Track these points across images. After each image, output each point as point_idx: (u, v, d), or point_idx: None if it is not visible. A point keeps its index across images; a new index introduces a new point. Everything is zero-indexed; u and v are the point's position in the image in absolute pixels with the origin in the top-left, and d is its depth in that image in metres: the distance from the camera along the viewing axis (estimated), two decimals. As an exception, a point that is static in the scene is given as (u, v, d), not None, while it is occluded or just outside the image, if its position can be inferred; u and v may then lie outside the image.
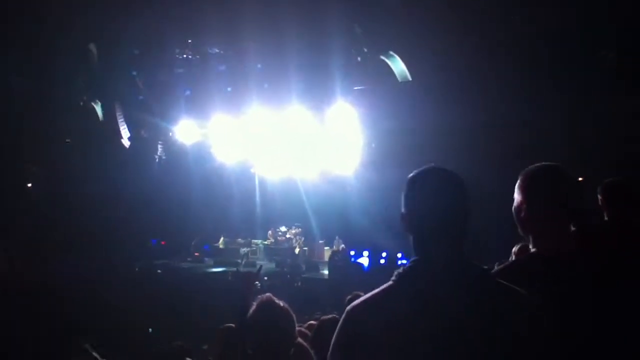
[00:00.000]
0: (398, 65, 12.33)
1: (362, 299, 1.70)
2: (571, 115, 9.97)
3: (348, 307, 1.69)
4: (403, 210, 1.74)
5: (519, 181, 2.14)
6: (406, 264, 1.70)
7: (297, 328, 2.83)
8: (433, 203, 1.67)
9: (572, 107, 9.91)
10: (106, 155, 17.58)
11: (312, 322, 5.41)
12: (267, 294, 2.76)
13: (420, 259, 1.68)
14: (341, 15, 11.43)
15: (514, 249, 3.81)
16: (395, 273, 1.68)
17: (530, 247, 2.12)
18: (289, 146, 16.39)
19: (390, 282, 1.67)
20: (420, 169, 1.75)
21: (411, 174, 1.75)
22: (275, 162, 17.40)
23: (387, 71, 12.73)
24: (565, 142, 9.93)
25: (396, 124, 12.76)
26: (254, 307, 2.67)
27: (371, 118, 13.56)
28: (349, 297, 5.10)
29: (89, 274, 12.53)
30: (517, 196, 2.14)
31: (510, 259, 3.03)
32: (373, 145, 14.42)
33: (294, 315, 2.65)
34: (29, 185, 19.04)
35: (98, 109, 17.53)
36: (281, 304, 2.69)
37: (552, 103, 10.11)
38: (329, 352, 1.68)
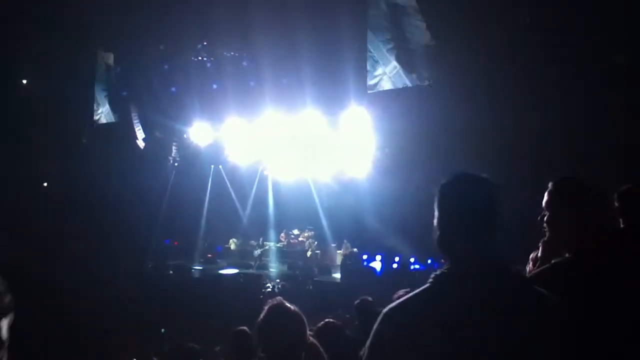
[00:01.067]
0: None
1: (399, 301, 1.71)
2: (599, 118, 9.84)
3: (385, 310, 1.70)
4: (435, 219, 1.73)
5: (551, 193, 2.23)
6: (440, 268, 1.71)
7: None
8: (464, 210, 1.67)
9: (599, 110, 9.78)
10: (121, 156, 17.70)
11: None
12: (278, 298, 2.74)
13: (456, 264, 1.68)
14: (355, 19, 11.40)
15: (532, 256, 3.75)
16: (432, 276, 1.68)
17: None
18: (302, 149, 16.40)
19: (426, 286, 1.68)
20: (450, 176, 1.74)
21: (442, 182, 1.75)
22: (288, 164, 17.42)
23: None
24: (588, 145, 9.83)
25: (410, 127, 12.70)
26: (264, 310, 2.65)
27: (385, 122, 13.51)
28: (357, 301, 5.08)
29: (101, 273, 12.60)
30: (550, 206, 2.22)
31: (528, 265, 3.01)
32: (387, 150, 14.36)
33: (305, 319, 2.63)
34: (45, 184, 19.25)
35: (113, 110, 17.65)
36: (292, 307, 2.66)
37: (576, 106, 9.99)
38: (365, 354, 1.69)
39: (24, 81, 17.14)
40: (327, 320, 3.96)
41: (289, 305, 2.66)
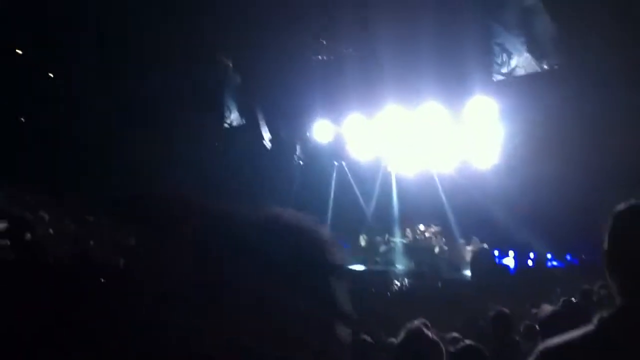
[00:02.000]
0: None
1: (557, 342, 1.51)
2: None
3: (541, 349, 1.53)
4: (607, 247, 1.53)
5: None
6: (611, 310, 1.49)
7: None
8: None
9: None
10: (251, 157, 18.51)
11: (455, 335, 5.12)
12: (417, 324, 2.61)
13: (630, 306, 1.44)
14: (477, 7, 10.92)
15: None
16: (598, 318, 1.47)
17: None
18: (424, 142, 16.02)
19: (590, 328, 1.47)
20: (628, 204, 1.54)
21: (618, 209, 1.54)
22: (411, 158, 17.12)
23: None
24: None
25: (541, 115, 11.86)
26: (401, 336, 2.54)
27: (514, 110, 12.74)
28: (492, 314, 4.77)
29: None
30: None
31: None
32: (517, 139, 13.55)
33: (443, 349, 2.48)
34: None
35: (241, 114, 18.54)
36: (431, 336, 2.54)
37: None
38: None
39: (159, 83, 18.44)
40: (467, 344, 3.69)
41: (428, 333, 2.52)
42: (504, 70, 10.03)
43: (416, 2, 11.49)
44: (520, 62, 10.37)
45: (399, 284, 13.61)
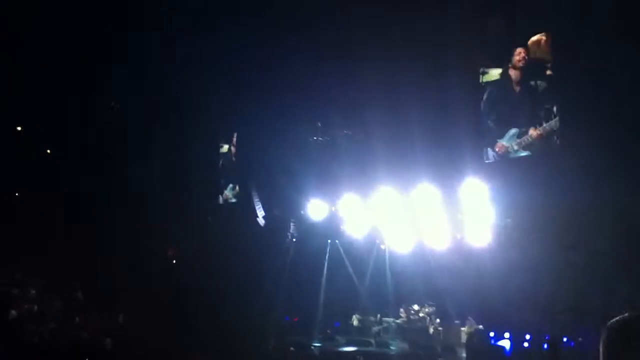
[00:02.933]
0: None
1: None
2: None
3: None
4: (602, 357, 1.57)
5: None
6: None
7: None
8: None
9: None
10: (243, 233, 18.49)
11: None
12: None
13: None
14: (469, 93, 11.38)
15: None
16: None
17: None
18: (418, 222, 16.11)
19: None
20: (621, 318, 1.58)
21: (611, 323, 1.58)
22: (405, 237, 17.15)
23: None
24: None
25: (533, 198, 12.05)
26: None
27: (505, 193, 12.95)
28: None
29: (226, 352, 12.87)
30: None
31: None
32: (509, 220, 13.68)
33: None
34: (174, 261, 20.56)
35: (235, 190, 18.72)
36: None
37: None
38: None
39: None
40: None
41: None
42: (495, 152, 10.28)
43: (409, 90, 11.96)
44: (512, 145, 10.66)
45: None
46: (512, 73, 11.70)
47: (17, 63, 15.73)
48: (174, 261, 20.56)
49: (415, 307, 17.08)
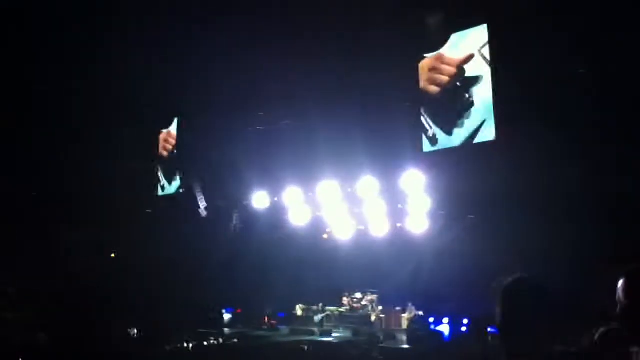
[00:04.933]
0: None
1: None
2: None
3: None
4: (499, 318, 2.01)
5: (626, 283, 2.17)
6: None
7: None
8: (517, 315, 1.92)
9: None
10: (184, 225, 18.22)
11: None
12: None
13: None
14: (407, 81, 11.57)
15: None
16: None
17: None
18: (360, 211, 16.35)
19: None
20: (513, 279, 2.01)
21: (505, 284, 2.01)
22: (347, 227, 17.40)
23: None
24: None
25: (466, 187, 12.46)
26: None
27: (440, 183, 13.35)
28: None
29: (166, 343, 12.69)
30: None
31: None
32: (442, 212, 14.15)
33: None
34: (112, 254, 20.01)
35: (176, 180, 18.34)
36: None
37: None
38: None
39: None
40: None
41: None
42: (432, 142, 10.55)
43: (347, 82, 12.07)
44: (446, 134, 10.94)
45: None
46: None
47: None
48: (112, 255, 20.01)
49: (358, 295, 17.35)
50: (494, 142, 10.75)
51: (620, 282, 2.14)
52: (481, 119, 10.94)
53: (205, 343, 14.27)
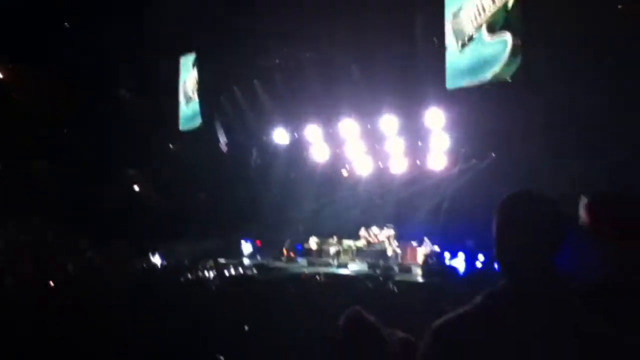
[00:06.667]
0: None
1: (449, 317, 1.68)
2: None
3: (435, 326, 1.66)
4: (494, 234, 1.74)
5: None
6: (496, 286, 1.69)
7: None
8: (520, 229, 1.67)
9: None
10: (206, 159, 18.41)
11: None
12: (356, 308, 2.64)
13: (510, 282, 1.66)
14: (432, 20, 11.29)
15: None
16: (484, 294, 1.67)
17: None
18: (380, 148, 16.39)
19: (478, 302, 1.66)
20: (510, 194, 1.74)
21: (501, 199, 1.74)
22: (366, 163, 17.49)
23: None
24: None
25: (489, 124, 12.37)
26: (341, 320, 2.57)
27: (464, 120, 13.23)
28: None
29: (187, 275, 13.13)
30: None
31: None
32: (463, 150, 14.09)
33: (381, 331, 2.55)
34: (136, 187, 20.41)
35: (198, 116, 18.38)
36: (371, 319, 2.57)
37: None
38: None
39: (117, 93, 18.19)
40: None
41: (367, 316, 2.57)
42: (456, 80, 10.40)
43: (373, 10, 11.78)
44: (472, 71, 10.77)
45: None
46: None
47: None
48: (135, 187, 20.41)
49: (375, 229, 17.61)
50: (517, 80, 10.57)
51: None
52: (504, 58, 10.72)
53: (226, 272, 14.73)
